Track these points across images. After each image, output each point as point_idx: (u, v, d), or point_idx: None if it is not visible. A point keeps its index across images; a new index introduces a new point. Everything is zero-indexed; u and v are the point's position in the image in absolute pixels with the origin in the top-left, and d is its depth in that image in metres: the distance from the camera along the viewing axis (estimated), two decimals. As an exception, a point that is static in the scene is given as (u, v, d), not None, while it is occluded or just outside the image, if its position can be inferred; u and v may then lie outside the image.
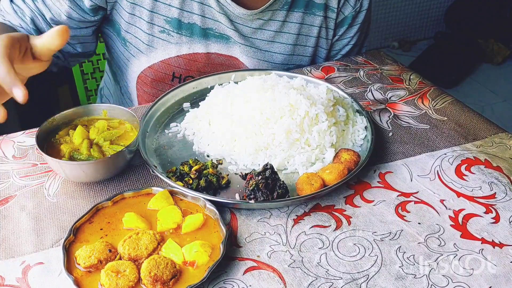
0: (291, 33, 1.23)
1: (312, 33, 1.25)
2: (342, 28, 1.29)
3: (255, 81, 1.05)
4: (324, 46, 1.30)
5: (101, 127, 0.95)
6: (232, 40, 1.19)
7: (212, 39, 1.19)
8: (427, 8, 3.77)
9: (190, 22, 1.16)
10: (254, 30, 1.20)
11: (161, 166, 0.95)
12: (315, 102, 0.98)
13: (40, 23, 1.13)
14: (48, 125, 0.94)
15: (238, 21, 1.17)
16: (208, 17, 1.16)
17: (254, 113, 0.97)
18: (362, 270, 0.77)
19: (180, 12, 1.14)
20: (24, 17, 1.12)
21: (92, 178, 0.90)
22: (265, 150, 0.95)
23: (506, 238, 0.83)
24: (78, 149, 0.91)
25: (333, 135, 0.98)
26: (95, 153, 0.90)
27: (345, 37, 1.31)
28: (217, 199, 0.85)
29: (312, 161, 0.95)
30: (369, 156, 0.94)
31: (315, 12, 1.23)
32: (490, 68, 3.59)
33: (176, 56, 1.19)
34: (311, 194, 0.86)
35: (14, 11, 1.12)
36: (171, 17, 1.14)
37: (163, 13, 1.14)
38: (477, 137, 1.04)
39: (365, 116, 1.04)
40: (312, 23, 1.24)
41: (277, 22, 1.20)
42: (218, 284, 0.75)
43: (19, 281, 0.75)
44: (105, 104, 0.99)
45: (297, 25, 1.22)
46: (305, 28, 1.24)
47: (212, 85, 1.14)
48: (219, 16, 1.15)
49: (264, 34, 1.21)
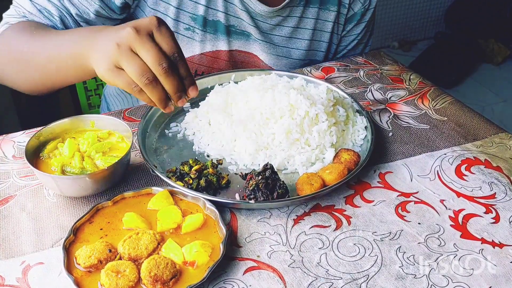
0: (308, 29, 1.25)
1: (326, 29, 1.28)
2: (350, 24, 1.31)
3: (255, 81, 1.05)
4: (335, 41, 1.33)
5: (92, 139, 0.92)
6: (252, 38, 1.21)
7: (234, 36, 1.21)
8: (427, 8, 3.77)
9: (214, 19, 1.17)
10: (273, 27, 1.22)
11: (161, 166, 0.95)
12: (315, 102, 0.98)
13: (68, 22, 1.11)
14: (35, 140, 0.90)
15: (259, 18, 1.19)
16: (231, 14, 1.18)
17: (254, 113, 0.97)
18: (362, 270, 0.77)
19: (206, 10, 1.15)
20: (52, 16, 1.09)
21: (88, 192, 0.87)
22: (265, 150, 0.95)
23: (506, 238, 0.83)
24: (70, 162, 0.88)
25: (333, 135, 0.98)
26: (89, 165, 0.88)
27: (352, 33, 1.33)
28: (217, 199, 0.85)
29: (312, 161, 0.95)
30: (369, 156, 0.94)
31: (330, 7, 1.25)
32: (490, 68, 3.59)
33: (200, 54, 1.21)
34: (311, 194, 0.86)
35: (39, 11, 1.09)
36: (197, 14, 1.16)
37: (190, 10, 1.15)
38: (477, 137, 1.04)
39: (365, 116, 1.04)
40: (327, 18, 1.26)
41: (295, 18, 1.23)
42: (218, 284, 0.75)
43: (19, 281, 0.75)
44: (92, 115, 0.97)
45: (313, 20, 1.25)
46: (320, 24, 1.26)
47: (212, 85, 1.14)
48: (241, 13, 1.17)
49: (283, 31, 1.23)
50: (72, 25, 1.12)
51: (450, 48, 3.51)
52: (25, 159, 0.85)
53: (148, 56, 0.78)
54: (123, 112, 1.10)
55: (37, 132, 0.91)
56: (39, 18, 1.10)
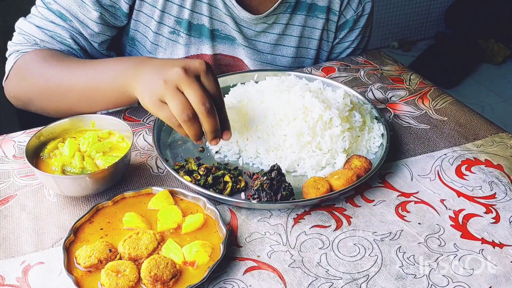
0: (294, 36, 1.23)
1: (314, 36, 1.25)
2: (343, 32, 1.29)
3: (273, 81, 1.04)
4: (325, 48, 1.30)
5: (92, 138, 0.92)
6: (237, 42, 1.20)
7: (218, 40, 1.19)
8: (427, 8, 3.77)
9: (199, 23, 1.16)
10: (258, 33, 1.20)
11: (173, 160, 0.96)
12: (330, 106, 0.96)
13: (80, 41, 1.11)
14: (35, 140, 0.90)
15: (243, 24, 1.18)
16: (215, 18, 1.16)
17: (267, 113, 0.96)
18: (362, 270, 0.77)
19: (191, 13, 1.14)
20: (65, 40, 1.09)
21: (88, 192, 0.87)
22: (275, 151, 0.95)
23: (506, 238, 0.83)
24: (70, 162, 0.88)
25: (345, 141, 0.96)
26: (90, 165, 0.88)
27: (345, 41, 1.31)
28: (221, 196, 0.86)
29: (322, 165, 0.94)
30: (380, 164, 0.92)
31: (318, 14, 1.23)
32: (490, 68, 3.59)
33: (183, 57, 1.19)
34: (314, 199, 0.85)
35: (51, 37, 1.08)
36: (182, 18, 1.15)
37: (175, 14, 1.14)
38: (477, 137, 1.04)
39: (382, 123, 1.02)
40: (315, 26, 1.24)
41: (281, 25, 1.20)
42: (218, 284, 0.75)
43: (19, 281, 0.75)
44: (92, 115, 0.97)
45: (300, 27, 1.22)
46: (307, 31, 1.24)
47: (235, 83, 1.14)
48: (226, 17, 1.16)
49: (268, 37, 1.21)
50: (83, 43, 1.12)
51: (450, 48, 3.51)
52: (25, 159, 0.85)
53: (193, 96, 0.83)
54: (123, 112, 1.10)
55: (38, 132, 0.91)
56: (52, 45, 1.09)
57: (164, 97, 0.85)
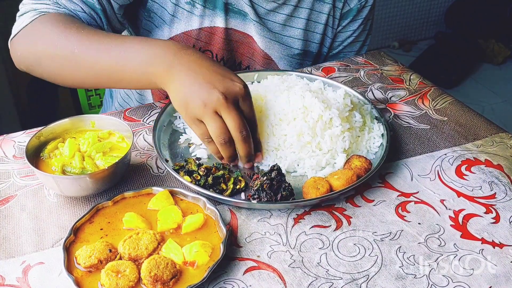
0: (302, 18, 1.26)
1: (320, 20, 1.29)
2: (346, 20, 1.32)
3: (274, 81, 1.05)
4: (330, 35, 1.33)
5: (92, 138, 0.91)
6: (248, 18, 1.22)
7: (231, 14, 1.21)
8: (427, 8, 3.77)
9: None
10: (268, 12, 1.23)
11: (173, 160, 0.96)
12: (330, 106, 0.96)
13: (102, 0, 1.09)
14: (35, 140, 0.90)
15: (255, 0, 1.20)
16: None
17: (268, 113, 0.97)
18: (362, 270, 0.77)
19: None
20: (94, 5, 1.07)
21: (88, 192, 0.87)
22: (275, 151, 0.95)
23: (506, 238, 0.83)
24: (70, 162, 0.88)
25: (346, 141, 0.95)
26: (90, 165, 0.87)
27: (348, 30, 1.34)
28: (221, 196, 0.86)
29: (322, 165, 0.94)
30: (380, 164, 0.92)
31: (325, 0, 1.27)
32: (490, 68, 3.59)
33: (198, 29, 1.21)
34: (314, 199, 0.85)
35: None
36: None
37: None
38: (477, 137, 1.04)
39: (383, 123, 1.02)
40: (321, 10, 1.27)
41: (290, 7, 1.24)
42: (218, 284, 0.75)
43: (19, 281, 0.75)
44: (93, 115, 0.96)
45: (307, 10, 1.26)
46: (314, 15, 1.27)
47: None
48: None
49: (277, 17, 1.24)
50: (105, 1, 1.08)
51: (450, 48, 3.51)
52: (25, 159, 0.85)
53: (232, 123, 0.86)
54: (123, 112, 1.10)
55: (38, 132, 0.91)
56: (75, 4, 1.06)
57: (202, 118, 0.87)
